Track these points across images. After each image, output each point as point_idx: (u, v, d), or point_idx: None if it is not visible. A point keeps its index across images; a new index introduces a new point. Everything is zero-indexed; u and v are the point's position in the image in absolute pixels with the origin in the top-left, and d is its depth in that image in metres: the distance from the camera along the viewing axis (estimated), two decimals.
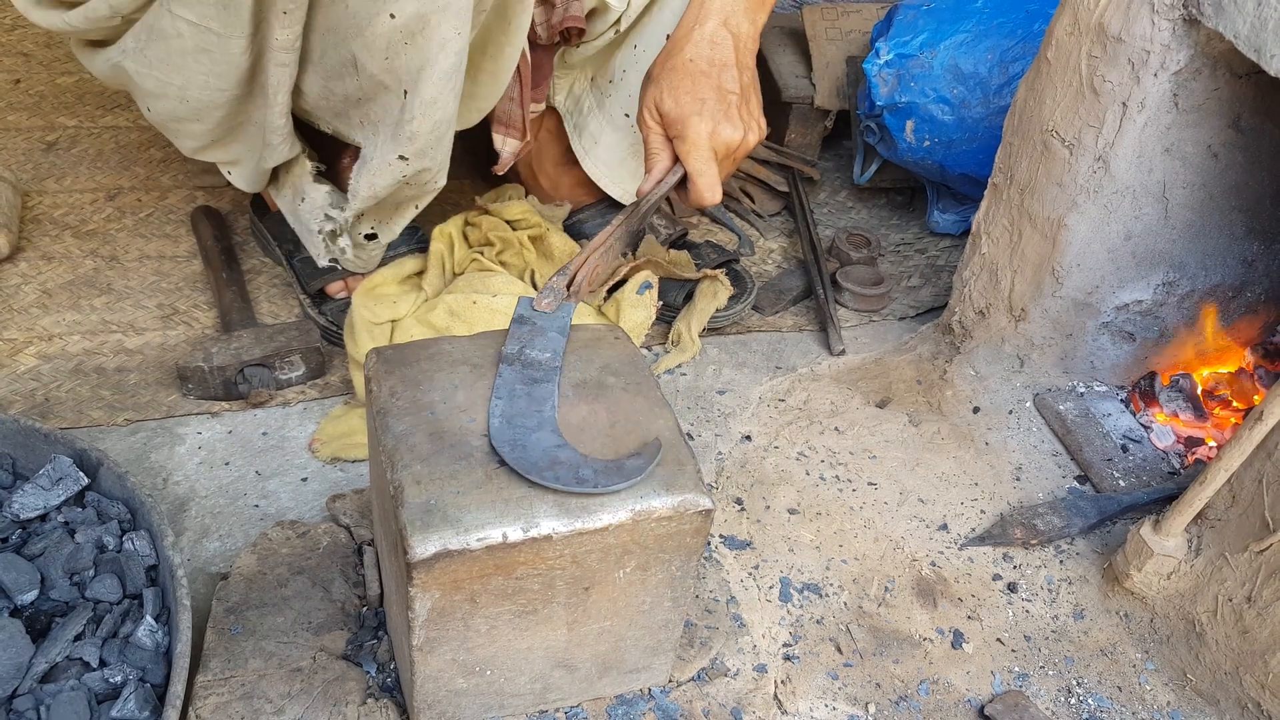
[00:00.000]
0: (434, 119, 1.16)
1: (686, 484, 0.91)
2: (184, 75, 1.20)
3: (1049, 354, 1.52)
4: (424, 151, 1.19)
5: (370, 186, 1.24)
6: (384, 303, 1.41)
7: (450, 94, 1.15)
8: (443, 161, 1.25)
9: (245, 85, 1.21)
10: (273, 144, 1.27)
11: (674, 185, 1.25)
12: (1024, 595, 1.28)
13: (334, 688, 1.04)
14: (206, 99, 1.23)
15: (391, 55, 1.10)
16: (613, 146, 1.54)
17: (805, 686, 1.14)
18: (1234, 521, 1.17)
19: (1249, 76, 1.27)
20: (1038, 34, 1.63)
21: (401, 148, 1.18)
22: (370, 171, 1.23)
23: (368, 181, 1.24)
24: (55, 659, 0.95)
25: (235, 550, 1.20)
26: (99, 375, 1.40)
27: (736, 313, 1.61)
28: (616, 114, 1.51)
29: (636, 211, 1.22)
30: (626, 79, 1.48)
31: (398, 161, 1.20)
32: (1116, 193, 1.35)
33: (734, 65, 1.25)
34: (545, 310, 1.03)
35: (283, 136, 1.27)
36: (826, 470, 1.40)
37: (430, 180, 1.27)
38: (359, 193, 1.26)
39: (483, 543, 0.84)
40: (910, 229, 1.92)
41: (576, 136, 1.55)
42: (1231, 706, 1.15)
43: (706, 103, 1.22)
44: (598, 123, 1.53)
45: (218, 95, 1.22)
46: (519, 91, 1.39)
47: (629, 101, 1.49)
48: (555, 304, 1.04)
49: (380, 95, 1.17)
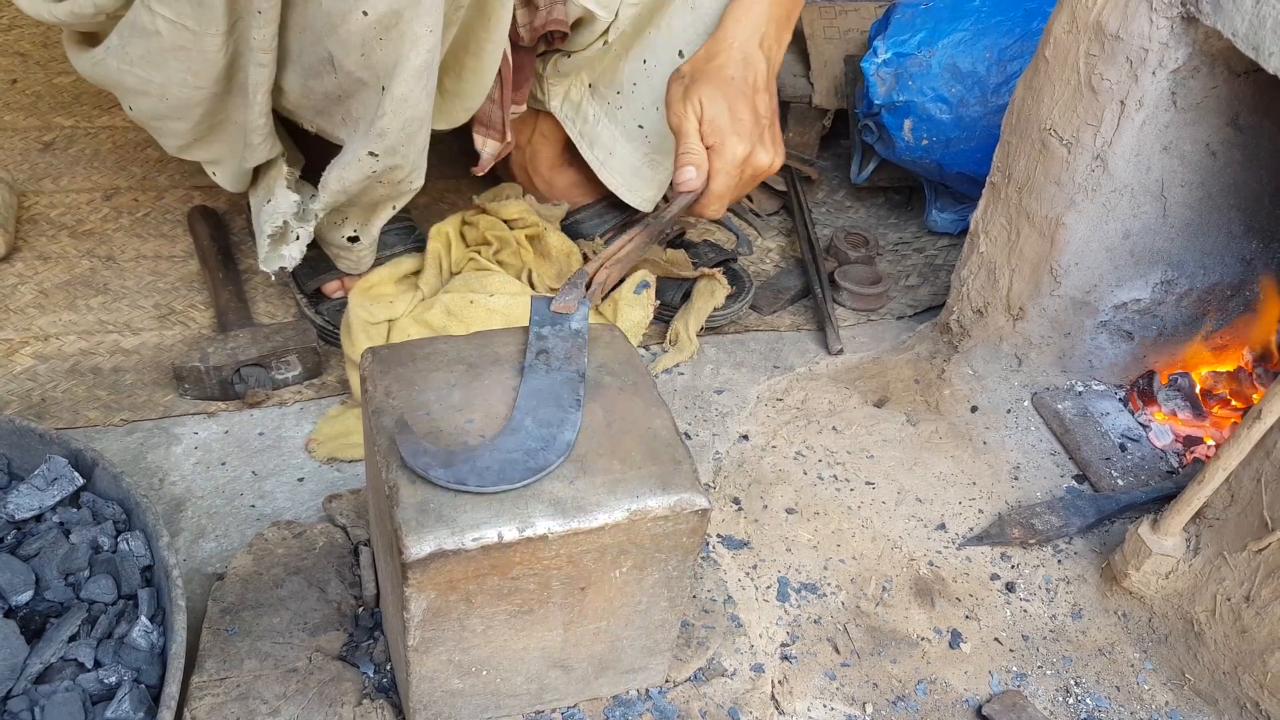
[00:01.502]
0: (405, 116, 1.15)
1: (683, 483, 0.90)
2: (164, 73, 1.20)
3: (1047, 353, 1.52)
4: (394, 149, 1.19)
5: (340, 180, 1.24)
6: (381, 302, 1.41)
7: (422, 92, 1.15)
8: (416, 161, 1.25)
9: (223, 83, 1.21)
10: (253, 144, 1.27)
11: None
12: (1022, 595, 1.27)
13: (330, 688, 1.03)
14: (185, 96, 1.23)
15: (367, 51, 1.10)
16: (627, 157, 1.55)
17: (803, 687, 1.14)
18: (1232, 520, 1.17)
19: (1247, 74, 1.27)
20: (1036, 32, 1.63)
21: (372, 144, 1.18)
22: (341, 165, 1.23)
23: (337, 175, 1.24)
24: (50, 660, 0.95)
25: (231, 550, 1.19)
26: (95, 375, 1.39)
27: (734, 312, 1.61)
28: (630, 126, 1.52)
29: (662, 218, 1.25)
30: (638, 92, 1.49)
31: (367, 158, 1.20)
32: (1115, 191, 1.35)
33: (765, 90, 1.31)
34: (564, 311, 1.04)
35: (263, 136, 1.27)
36: (824, 470, 1.40)
37: (404, 180, 1.27)
38: (328, 185, 1.26)
39: (478, 542, 0.84)
40: (908, 228, 1.92)
41: (588, 147, 1.56)
42: (1230, 706, 1.15)
43: (744, 123, 1.26)
44: (610, 134, 1.53)
45: (196, 93, 1.22)
46: (499, 93, 1.39)
47: (642, 114, 1.50)
48: (575, 304, 1.05)
49: (359, 92, 1.17)
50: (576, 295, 1.06)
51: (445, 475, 0.86)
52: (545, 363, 0.98)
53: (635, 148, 1.54)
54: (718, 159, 1.27)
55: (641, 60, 1.46)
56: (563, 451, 0.90)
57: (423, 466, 0.86)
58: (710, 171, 1.27)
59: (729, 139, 1.26)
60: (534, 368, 0.97)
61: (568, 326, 1.02)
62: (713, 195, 1.28)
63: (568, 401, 0.94)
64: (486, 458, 0.88)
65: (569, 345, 1.00)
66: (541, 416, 0.92)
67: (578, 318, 1.04)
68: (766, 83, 1.31)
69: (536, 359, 0.98)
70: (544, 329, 1.02)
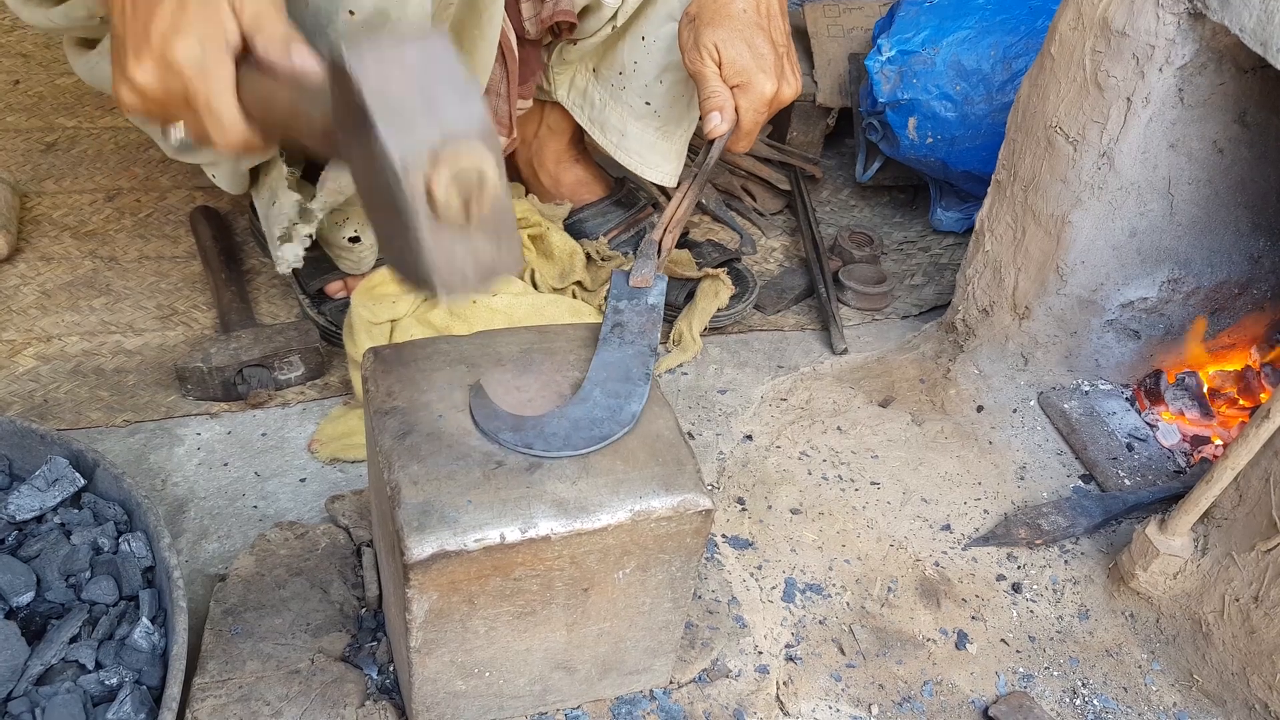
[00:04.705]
0: None
1: (686, 484, 0.90)
2: None
3: (1053, 352, 1.51)
4: None
5: (335, 180, 1.24)
6: (383, 302, 1.40)
7: None
8: None
9: None
10: None
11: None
12: (1028, 595, 1.27)
13: (332, 690, 1.03)
14: None
15: None
16: (639, 135, 1.55)
17: (808, 688, 1.14)
18: (1241, 520, 1.16)
19: (1255, 71, 1.26)
20: (1041, 29, 1.62)
21: None
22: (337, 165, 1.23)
23: (334, 175, 1.24)
24: (51, 661, 0.94)
25: (234, 551, 1.19)
26: (98, 376, 1.39)
27: (738, 312, 1.60)
28: (636, 103, 1.52)
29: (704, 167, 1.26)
30: (640, 69, 1.49)
31: None
32: (1121, 189, 1.34)
33: (780, 15, 1.29)
34: (643, 285, 1.07)
35: None
36: (829, 470, 1.40)
37: None
38: (325, 185, 1.26)
39: (480, 543, 0.84)
40: (913, 227, 1.91)
41: (600, 132, 1.56)
42: (1239, 707, 1.14)
43: (766, 58, 1.26)
44: (618, 115, 1.53)
45: None
46: (506, 88, 1.38)
47: (646, 90, 1.50)
48: (651, 278, 1.08)
49: None
50: (651, 268, 1.10)
51: (514, 439, 0.89)
52: (620, 336, 1.01)
53: (645, 124, 1.54)
54: (744, 98, 1.26)
55: (640, 37, 1.46)
56: (627, 423, 0.92)
57: (493, 430, 0.89)
58: (739, 110, 1.27)
59: (755, 77, 1.25)
60: (608, 340, 1.00)
61: (644, 301, 1.06)
62: (743, 133, 1.29)
63: (637, 375, 0.96)
64: (554, 424, 0.91)
65: (644, 320, 1.03)
66: (611, 388, 0.95)
67: (654, 292, 1.07)
68: (780, 6, 1.30)
69: (611, 332, 1.01)
70: (621, 303, 1.05)
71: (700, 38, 1.26)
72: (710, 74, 1.26)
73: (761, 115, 1.28)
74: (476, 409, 0.91)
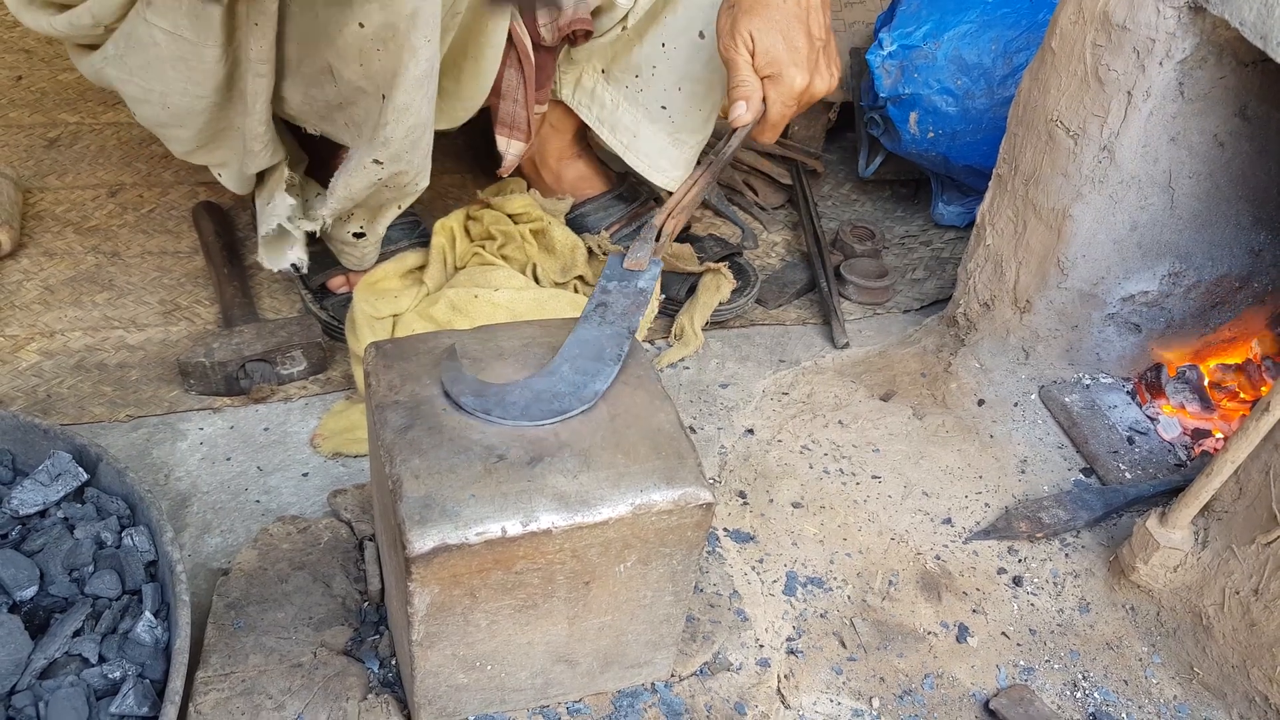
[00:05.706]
0: (407, 124, 1.16)
1: (687, 477, 0.90)
2: (164, 83, 1.20)
3: (1054, 346, 1.51)
4: (399, 156, 1.20)
5: (346, 187, 1.25)
6: (385, 297, 1.41)
7: (423, 99, 1.15)
8: (420, 165, 1.26)
9: (224, 93, 1.22)
10: (254, 150, 1.27)
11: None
12: (1029, 589, 1.27)
13: (335, 683, 1.03)
14: (186, 105, 1.23)
15: (365, 62, 1.11)
16: (652, 138, 1.54)
17: (809, 681, 1.14)
18: (1241, 514, 1.16)
19: (1255, 64, 1.26)
20: (1042, 23, 1.62)
21: (376, 152, 1.19)
22: (347, 173, 1.24)
23: (344, 182, 1.25)
24: (54, 655, 0.95)
25: (236, 546, 1.19)
26: (101, 371, 1.40)
27: (739, 306, 1.60)
28: (653, 108, 1.51)
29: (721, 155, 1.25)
30: (659, 75, 1.48)
31: (372, 165, 1.21)
32: (1122, 183, 1.34)
33: (820, 8, 1.27)
34: (636, 268, 1.07)
35: (264, 144, 1.27)
36: (830, 464, 1.40)
37: (410, 183, 1.27)
38: (335, 192, 1.27)
39: (481, 537, 0.84)
40: (914, 221, 1.91)
41: (610, 132, 1.55)
42: (1239, 700, 1.14)
43: (800, 51, 1.23)
44: (632, 117, 1.53)
45: (197, 102, 1.22)
46: (523, 93, 1.38)
47: (664, 95, 1.49)
48: (646, 261, 1.07)
49: (360, 99, 1.17)
50: (647, 252, 1.09)
51: (473, 403, 0.90)
52: (601, 315, 1.01)
53: (659, 129, 1.53)
54: (774, 89, 1.24)
55: (660, 44, 1.45)
56: (589, 400, 0.93)
57: (456, 392, 0.91)
58: (767, 101, 1.25)
59: (787, 69, 1.23)
60: (588, 319, 1.00)
61: (634, 284, 1.05)
62: (769, 125, 1.27)
63: (609, 355, 0.97)
64: (516, 394, 0.92)
65: (629, 302, 1.03)
66: (580, 365, 0.95)
67: (646, 276, 1.07)
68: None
69: (594, 311, 1.01)
70: (610, 284, 1.05)
71: (737, 25, 1.24)
72: (742, 62, 1.24)
73: (790, 108, 1.26)
74: (444, 373, 0.92)
